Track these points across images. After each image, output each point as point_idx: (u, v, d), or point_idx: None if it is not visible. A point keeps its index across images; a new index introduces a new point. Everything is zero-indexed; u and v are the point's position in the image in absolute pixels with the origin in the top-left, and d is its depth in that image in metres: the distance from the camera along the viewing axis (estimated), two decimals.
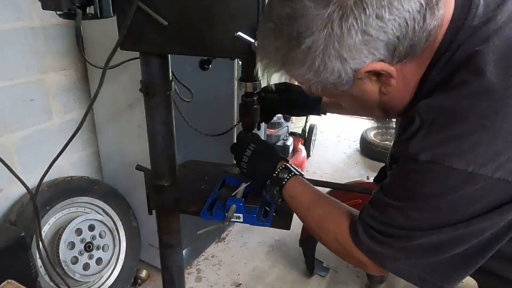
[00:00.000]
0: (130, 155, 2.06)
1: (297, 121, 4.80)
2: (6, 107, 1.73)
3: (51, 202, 1.85)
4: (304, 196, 0.89)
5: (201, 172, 1.18)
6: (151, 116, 1.01)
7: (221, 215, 0.94)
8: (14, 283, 0.85)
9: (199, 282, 2.34)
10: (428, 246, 0.66)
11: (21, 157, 1.84)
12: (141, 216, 2.23)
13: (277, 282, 2.37)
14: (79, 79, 2.04)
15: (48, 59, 1.86)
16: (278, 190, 0.90)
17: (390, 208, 0.69)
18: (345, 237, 0.77)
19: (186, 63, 1.76)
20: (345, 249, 0.78)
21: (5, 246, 1.31)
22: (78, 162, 2.16)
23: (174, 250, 1.16)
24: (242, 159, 0.95)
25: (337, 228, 0.80)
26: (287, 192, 0.90)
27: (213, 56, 0.98)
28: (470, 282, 0.83)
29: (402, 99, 0.72)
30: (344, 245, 0.78)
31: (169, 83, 0.99)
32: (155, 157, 1.07)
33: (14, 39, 1.70)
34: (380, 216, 0.70)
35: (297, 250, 2.50)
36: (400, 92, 0.70)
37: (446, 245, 0.65)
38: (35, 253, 1.70)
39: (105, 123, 2.13)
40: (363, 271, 2.36)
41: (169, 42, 0.87)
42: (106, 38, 1.34)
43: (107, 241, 2.06)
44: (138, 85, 0.99)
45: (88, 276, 1.95)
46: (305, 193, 0.89)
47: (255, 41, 0.79)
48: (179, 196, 1.07)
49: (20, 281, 0.85)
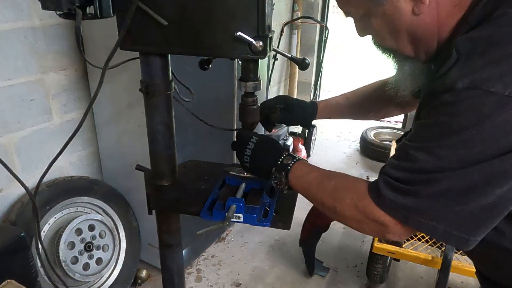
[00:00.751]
0: (130, 155, 2.06)
1: None
2: (6, 107, 1.73)
3: (51, 202, 1.85)
4: (313, 174, 0.87)
5: (201, 172, 1.18)
6: (151, 116, 1.01)
7: (221, 215, 0.94)
8: (14, 283, 0.85)
9: (199, 282, 2.34)
10: (457, 191, 0.64)
11: (21, 157, 1.84)
12: (141, 216, 2.23)
13: (277, 282, 2.37)
14: (79, 79, 2.04)
15: (48, 59, 1.86)
16: (284, 175, 0.88)
17: (417, 153, 0.67)
18: (364, 198, 0.75)
19: (186, 63, 1.76)
20: (364, 212, 0.75)
21: (5, 246, 1.31)
22: (78, 162, 2.16)
23: (174, 250, 1.16)
24: (245, 152, 0.94)
25: (354, 193, 0.78)
26: (293, 175, 0.88)
27: (213, 56, 0.98)
28: (470, 282, 0.83)
29: (433, 29, 0.73)
30: (363, 208, 0.75)
31: (169, 83, 0.99)
32: (155, 157, 1.07)
33: (14, 39, 1.70)
34: (405, 163, 0.69)
35: (297, 250, 2.50)
36: (432, 17, 0.71)
37: (476, 188, 0.63)
38: (35, 253, 1.70)
39: (105, 123, 2.13)
40: (363, 271, 2.36)
41: (169, 42, 0.87)
42: (106, 38, 1.34)
43: (107, 241, 2.06)
44: (138, 85, 0.99)
45: (88, 276, 1.95)
46: (314, 172, 0.88)
47: (254, 41, 0.80)
48: (179, 196, 1.07)
49: (20, 281, 0.85)
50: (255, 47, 0.81)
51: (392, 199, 0.70)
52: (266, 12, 0.80)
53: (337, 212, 0.81)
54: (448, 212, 0.66)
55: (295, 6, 4.30)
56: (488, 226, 0.68)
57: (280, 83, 4.59)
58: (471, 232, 0.67)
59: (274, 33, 0.90)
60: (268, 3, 0.80)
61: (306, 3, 4.48)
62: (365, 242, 2.73)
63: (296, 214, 1.00)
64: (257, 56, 0.83)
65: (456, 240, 0.67)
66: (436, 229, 0.67)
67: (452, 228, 0.66)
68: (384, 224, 0.73)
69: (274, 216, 0.97)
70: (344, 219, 0.81)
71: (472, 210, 0.65)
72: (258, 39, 0.80)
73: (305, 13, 4.37)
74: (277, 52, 1.11)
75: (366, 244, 2.69)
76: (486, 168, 0.62)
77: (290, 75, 4.71)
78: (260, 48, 0.81)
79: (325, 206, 0.84)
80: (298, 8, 4.30)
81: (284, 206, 1.00)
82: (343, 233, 2.84)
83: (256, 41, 0.80)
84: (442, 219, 0.67)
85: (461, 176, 0.63)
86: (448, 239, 0.68)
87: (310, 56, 4.66)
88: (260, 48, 0.81)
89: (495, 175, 0.62)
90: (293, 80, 4.68)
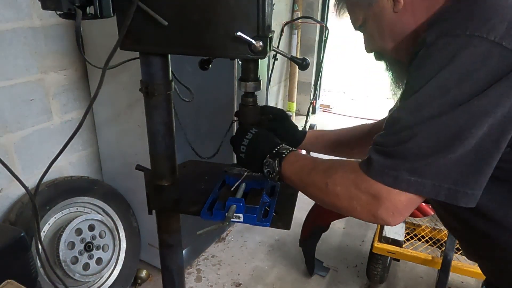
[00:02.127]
0: (130, 155, 2.06)
1: (297, 121, 4.80)
2: (6, 107, 1.74)
3: (51, 202, 1.85)
4: (307, 160, 0.86)
5: (201, 172, 1.18)
6: (151, 116, 1.01)
7: (221, 215, 0.94)
8: (14, 283, 0.85)
9: (199, 282, 2.34)
10: (440, 138, 0.65)
11: (21, 157, 1.84)
12: (141, 216, 2.23)
13: (277, 282, 2.37)
14: (79, 79, 2.04)
15: (48, 59, 1.86)
16: (278, 162, 0.87)
17: (399, 113, 0.71)
18: (355, 171, 0.74)
19: (186, 63, 1.76)
20: (355, 183, 0.73)
21: (5, 246, 1.31)
22: (78, 162, 2.16)
23: (174, 250, 1.16)
24: (242, 142, 0.93)
25: (346, 166, 0.77)
26: (287, 162, 0.86)
27: (213, 56, 0.98)
28: (470, 282, 0.83)
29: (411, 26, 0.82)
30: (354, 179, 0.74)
31: (169, 83, 0.99)
32: (155, 157, 1.07)
33: (14, 39, 1.70)
34: (390, 127, 0.72)
35: (297, 250, 2.50)
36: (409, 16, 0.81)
37: (459, 132, 0.64)
38: (35, 253, 1.70)
39: (105, 123, 2.13)
40: (363, 271, 2.36)
41: (169, 42, 0.87)
42: (106, 38, 1.34)
43: (107, 241, 2.06)
44: (138, 85, 0.99)
45: (88, 276, 1.95)
46: (308, 158, 0.87)
47: (254, 41, 0.80)
48: (179, 196, 1.07)
49: (20, 281, 0.85)
50: (255, 47, 0.81)
51: (380, 162, 0.70)
52: (266, 12, 0.80)
53: (328, 190, 0.78)
54: (433, 163, 0.66)
55: (295, 6, 4.31)
56: (476, 175, 0.67)
57: (280, 83, 4.59)
58: (460, 182, 0.66)
59: (274, 33, 0.90)
60: (268, 3, 0.80)
61: (306, 3, 4.48)
62: (365, 242, 2.74)
63: (296, 214, 1.00)
64: (257, 56, 0.83)
65: (446, 193, 0.67)
66: (425, 185, 0.67)
67: (440, 181, 0.66)
68: (376, 196, 0.70)
69: (274, 216, 0.97)
70: (335, 198, 0.78)
71: (457, 158, 0.65)
72: (258, 39, 0.80)
73: (305, 13, 4.38)
74: (277, 52, 1.10)
75: (366, 244, 2.70)
76: (467, 109, 0.64)
77: (290, 75, 4.71)
78: (260, 48, 0.81)
79: (316, 187, 0.81)
80: (298, 8, 4.31)
81: (284, 206, 1.00)
82: (343, 233, 2.84)
83: (256, 41, 0.80)
84: (429, 173, 0.66)
85: (443, 121, 0.65)
86: (438, 194, 0.67)
87: (310, 56, 4.67)
88: (260, 48, 0.81)
89: (476, 115, 0.64)
90: (293, 80, 4.68)
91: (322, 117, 5.16)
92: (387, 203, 0.70)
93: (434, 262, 2.00)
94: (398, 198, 0.69)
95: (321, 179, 0.80)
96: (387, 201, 0.70)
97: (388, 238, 2.12)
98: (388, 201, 0.69)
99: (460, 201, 0.67)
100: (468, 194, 0.67)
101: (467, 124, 0.64)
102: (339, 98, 6.04)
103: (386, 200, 0.70)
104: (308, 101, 4.64)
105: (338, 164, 0.80)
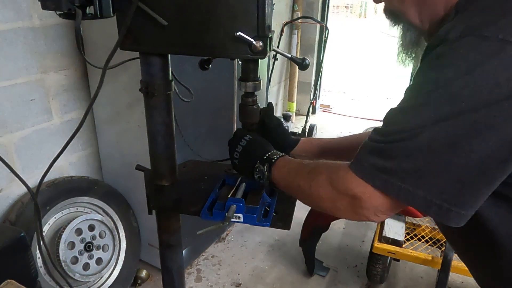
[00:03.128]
0: (130, 155, 2.06)
1: (297, 121, 4.81)
2: (6, 107, 1.74)
3: (51, 202, 1.85)
4: (294, 164, 0.85)
5: (201, 172, 1.18)
6: (151, 116, 1.01)
7: (221, 215, 0.94)
8: (14, 283, 0.85)
9: (199, 282, 2.34)
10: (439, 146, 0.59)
11: (21, 157, 1.84)
12: (141, 216, 2.23)
13: (277, 282, 2.37)
14: (79, 79, 2.04)
15: (48, 59, 1.86)
16: (268, 167, 0.87)
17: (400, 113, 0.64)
18: (339, 170, 0.71)
19: (186, 63, 1.76)
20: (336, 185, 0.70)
21: (5, 246, 1.31)
22: (78, 162, 2.16)
23: (174, 250, 1.16)
24: (235, 149, 0.94)
25: (330, 167, 0.74)
26: (276, 167, 0.86)
27: (213, 56, 0.98)
28: (470, 282, 0.83)
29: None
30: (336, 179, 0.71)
31: (169, 83, 0.99)
32: (155, 157, 1.07)
33: (14, 39, 1.70)
34: (388, 126, 0.66)
35: (297, 250, 2.50)
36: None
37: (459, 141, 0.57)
38: (35, 253, 1.70)
39: (105, 123, 2.13)
40: (363, 271, 2.36)
41: (169, 42, 0.87)
42: (106, 38, 1.34)
43: (107, 241, 2.06)
44: (138, 85, 0.99)
45: (88, 276, 1.95)
46: (296, 162, 0.86)
47: (254, 41, 0.80)
48: (179, 196, 1.07)
49: (20, 281, 0.85)
50: (255, 47, 0.81)
51: (371, 163, 0.65)
52: (266, 12, 0.80)
53: (311, 193, 0.76)
54: (428, 173, 0.60)
55: (295, 6, 4.31)
56: (472, 195, 0.61)
57: (280, 83, 4.59)
58: (453, 201, 0.60)
59: (274, 33, 0.90)
60: (268, 3, 0.80)
61: (306, 3, 4.48)
62: (365, 242, 2.74)
63: (296, 214, 1.00)
64: (257, 56, 0.83)
65: (437, 210, 0.61)
66: (415, 196, 0.61)
67: (433, 195, 0.60)
68: (357, 197, 0.67)
69: (274, 216, 0.97)
70: (319, 200, 0.75)
71: (454, 173, 0.59)
72: (258, 39, 0.81)
73: (305, 13, 4.38)
74: (277, 52, 1.10)
75: (366, 244, 2.70)
76: (471, 117, 0.57)
77: (290, 75, 4.72)
78: (260, 48, 0.81)
79: (300, 190, 0.80)
80: (298, 8, 4.31)
81: (284, 206, 1.00)
82: (343, 233, 2.84)
83: (256, 41, 0.80)
84: (422, 183, 0.61)
85: (444, 128, 0.58)
86: (428, 209, 0.61)
87: (310, 56, 4.67)
88: (260, 48, 0.81)
89: (480, 125, 0.57)
90: (293, 80, 4.69)
91: (322, 117, 5.17)
92: (368, 204, 0.67)
93: (434, 262, 2.00)
94: (382, 201, 0.66)
95: (305, 182, 0.79)
96: (368, 203, 0.67)
97: (388, 238, 2.12)
98: (370, 203, 0.67)
99: (451, 221, 0.61)
100: (461, 214, 0.61)
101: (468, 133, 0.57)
102: (339, 98, 6.05)
103: (368, 201, 0.67)
104: (308, 101, 4.64)
105: (322, 166, 0.78)
